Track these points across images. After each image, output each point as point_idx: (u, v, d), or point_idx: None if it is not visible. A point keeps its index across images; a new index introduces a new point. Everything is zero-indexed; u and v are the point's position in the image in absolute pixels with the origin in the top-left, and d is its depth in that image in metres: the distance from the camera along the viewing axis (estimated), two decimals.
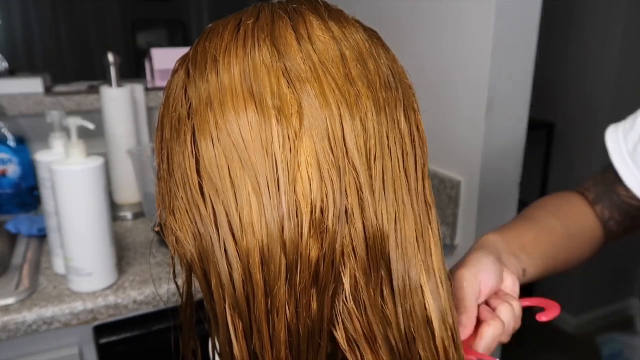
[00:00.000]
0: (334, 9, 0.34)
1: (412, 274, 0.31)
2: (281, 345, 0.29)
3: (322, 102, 0.29)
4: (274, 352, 0.30)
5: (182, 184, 0.31)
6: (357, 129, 0.29)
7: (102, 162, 0.77)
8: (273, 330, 0.29)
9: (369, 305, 0.30)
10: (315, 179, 0.28)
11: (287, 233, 0.28)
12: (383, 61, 0.32)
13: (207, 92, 0.30)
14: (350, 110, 0.29)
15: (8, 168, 1.10)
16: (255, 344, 0.30)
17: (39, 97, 1.25)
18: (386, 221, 0.30)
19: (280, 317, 0.29)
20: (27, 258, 0.89)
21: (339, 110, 0.29)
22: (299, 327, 0.29)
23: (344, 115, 0.29)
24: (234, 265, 0.29)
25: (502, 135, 1.00)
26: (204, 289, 0.31)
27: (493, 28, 0.93)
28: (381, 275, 0.30)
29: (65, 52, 3.28)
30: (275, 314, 0.29)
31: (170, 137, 0.32)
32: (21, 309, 0.75)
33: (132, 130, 1.13)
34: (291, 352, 0.30)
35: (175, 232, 0.32)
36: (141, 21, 3.44)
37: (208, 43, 0.32)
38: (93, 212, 0.76)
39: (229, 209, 0.29)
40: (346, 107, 0.29)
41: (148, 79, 1.39)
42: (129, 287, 0.81)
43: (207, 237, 0.30)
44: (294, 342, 0.30)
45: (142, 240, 0.99)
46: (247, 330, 0.30)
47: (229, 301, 0.30)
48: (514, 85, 0.98)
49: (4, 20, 3.14)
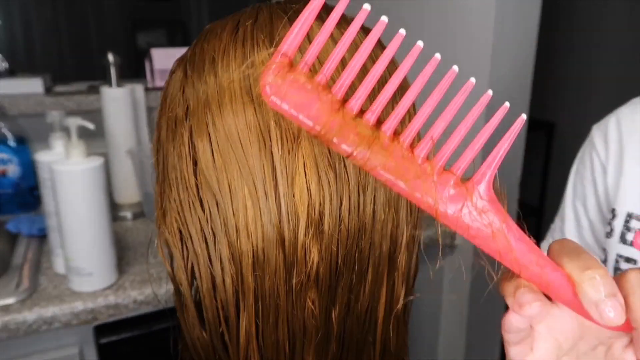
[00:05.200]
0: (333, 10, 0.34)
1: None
2: (267, 349, 0.30)
3: None
4: (254, 355, 0.30)
5: (176, 186, 0.31)
6: None
7: (102, 162, 0.77)
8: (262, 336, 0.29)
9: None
10: (314, 182, 0.28)
11: (287, 235, 0.28)
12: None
13: (205, 94, 0.30)
14: None
15: (8, 168, 1.10)
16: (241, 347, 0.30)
17: (40, 97, 1.25)
18: (379, 225, 0.30)
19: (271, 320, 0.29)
20: (27, 258, 0.89)
21: None
22: (295, 328, 0.29)
23: None
24: (226, 268, 0.29)
25: (502, 135, 0.99)
26: (187, 290, 0.31)
27: (493, 28, 0.93)
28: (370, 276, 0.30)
29: (65, 52, 3.28)
30: (267, 318, 0.29)
31: (167, 138, 0.32)
32: (22, 309, 0.75)
33: (132, 131, 1.13)
34: (286, 353, 0.30)
35: (164, 232, 0.32)
36: (141, 21, 3.44)
37: (206, 44, 0.32)
38: (93, 212, 0.77)
39: (225, 211, 0.29)
40: None
41: (148, 79, 1.40)
42: (129, 287, 0.81)
43: (199, 239, 0.30)
44: (290, 343, 0.30)
45: (142, 240, 0.99)
46: (234, 334, 0.30)
47: (219, 304, 0.30)
48: (514, 85, 0.98)
49: (4, 21, 3.14)
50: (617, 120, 0.63)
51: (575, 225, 0.68)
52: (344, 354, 0.32)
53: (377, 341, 0.33)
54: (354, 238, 0.30)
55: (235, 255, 0.29)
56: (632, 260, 0.58)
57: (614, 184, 0.61)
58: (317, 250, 0.29)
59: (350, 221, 0.29)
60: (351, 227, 0.30)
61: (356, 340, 0.32)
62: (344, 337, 0.31)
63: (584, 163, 0.67)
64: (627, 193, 0.59)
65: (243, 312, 0.29)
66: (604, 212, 0.63)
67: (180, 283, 0.31)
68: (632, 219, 0.58)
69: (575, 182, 0.68)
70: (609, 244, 0.60)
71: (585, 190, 0.66)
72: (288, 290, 0.29)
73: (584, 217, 0.67)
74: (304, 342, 0.30)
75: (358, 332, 0.32)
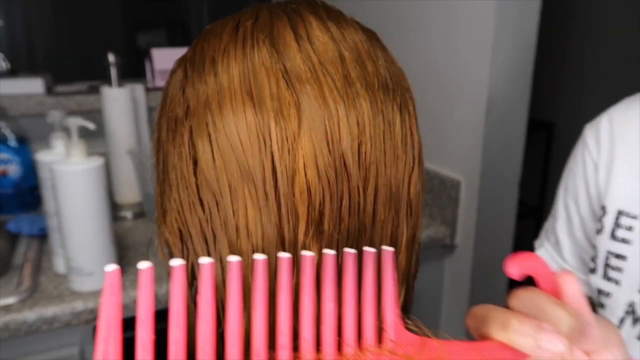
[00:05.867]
0: (332, 10, 0.34)
1: None
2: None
3: (321, 104, 0.28)
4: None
5: (176, 186, 0.31)
6: (354, 132, 0.29)
7: (102, 162, 0.77)
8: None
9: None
10: (314, 182, 0.28)
11: (287, 235, 0.28)
12: (381, 63, 0.32)
13: (205, 94, 0.30)
14: (347, 112, 0.29)
15: (9, 168, 1.10)
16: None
17: (40, 97, 1.25)
18: (379, 225, 0.30)
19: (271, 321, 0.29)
20: (28, 258, 0.89)
21: (337, 112, 0.29)
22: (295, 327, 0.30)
23: (342, 117, 0.29)
24: (227, 268, 0.29)
25: (502, 135, 1.00)
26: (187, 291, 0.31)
27: (493, 28, 0.93)
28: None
29: (66, 53, 3.27)
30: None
31: (167, 138, 0.32)
32: (22, 309, 0.75)
33: (132, 131, 1.13)
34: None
35: (164, 232, 0.32)
36: (141, 21, 3.44)
37: (206, 44, 0.32)
38: (94, 212, 0.77)
39: (225, 211, 0.29)
40: (344, 109, 0.29)
41: (148, 79, 1.40)
42: (129, 287, 0.81)
43: (200, 238, 0.30)
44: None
45: (142, 240, 0.99)
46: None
47: (219, 304, 0.30)
48: (514, 85, 0.99)
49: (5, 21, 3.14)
50: (609, 119, 0.64)
51: (567, 222, 0.69)
52: None
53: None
54: (354, 238, 0.30)
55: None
56: (622, 256, 0.59)
57: (605, 181, 0.62)
58: (317, 250, 0.29)
59: (350, 221, 0.29)
60: (351, 227, 0.30)
61: None
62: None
63: (576, 161, 0.68)
64: (617, 190, 0.60)
65: (243, 313, 0.29)
66: (595, 210, 0.64)
67: None
68: (622, 215, 0.59)
69: (567, 180, 0.69)
70: (600, 241, 0.61)
71: (577, 188, 0.67)
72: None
73: (575, 214, 0.67)
74: None
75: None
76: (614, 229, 0.60)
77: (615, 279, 0.59)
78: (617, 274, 0.59)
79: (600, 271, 0.61)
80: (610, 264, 0.60)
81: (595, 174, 0.64)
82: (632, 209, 0.58)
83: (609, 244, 0.60)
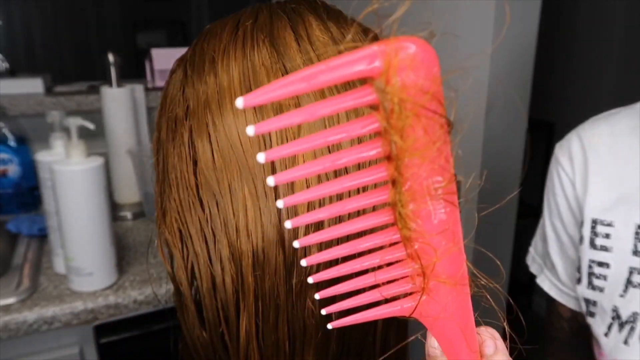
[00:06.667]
0: (332, 10, 0.34)
1: None
2: (267, 349, 0.30)
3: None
4: (254, 355, 0.30)
5: (176, 185, 0.31)
6: None
7: (102, 162, 0.77)
8: (262, 336, 0.29)
9: None
10: (314, 181, 0.28)
11: (287, 235, 0.28)
12: None
13: (205, 94, 0.30)
14: (347, 111, 0.29)
15: (9, 168, 1.10)
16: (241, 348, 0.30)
17: (40, 97, 1.25)
18: None
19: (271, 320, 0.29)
20: (27, 258, 0.89)
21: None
22: (295, 328, 0.30)
23: (342, 117, 0.29)
24: (226, 268, 0.29)
25: (502, 135, 1.00)
26: (187, 290, 0.31)
27: (493, 28, 0.93)
28: None
29: (65, 53, 3.28)
30: (267, 318, 0.29)
31: (167, 138, 0.32)
32: (22, 309, 0.75)
33: (132, 130, 1.13)
34: (286, 353, 0.30)
35: (164, 232, 0.32)
36: (141, 21, 3.44)
37: (206, 44, 0.32)
38: (93, 212, 0.77)
39: (225, 211, 0.29)
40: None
41: (148, 79, 1.40)
42: (129, 287, 0.81)
43: (200, 238, 0.30)
44: (290, 343, 0.30)
45: (142, 240, 0.99)
46: (234, 334, 0.30)
47: (219, 304, 0.30)
48: (514, 85, 0.99)
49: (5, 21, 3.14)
50: (578, 136, 0.68)
51: (557, 243, 0.71)
52: (344, 354, 0.32)
53: (377, 341, 0.33)
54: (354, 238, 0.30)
55: (235, 255, 0.29)
56: (604, 264, 0.60)
57: (583, 195, 0.64)
58: (317, 250, 0.29)
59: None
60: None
61: (356, 340, 0.32)
62: (344, 337, 0.31)
63: (552, 182, 0.70)
64: (591, 201, 0.62)
65: (243, 312, 0.29)
66: (578, 224, 0.65)
67: (180, 283, 0.31)
68: (597, 224, 0.62)
69: (550, 202, 0.71)
70: (582, 251, 0.63)
71: (559, 207, 0.69)
72: (288, 290, 0.29)
73: (563, 233, 0.69)
74: (304, 342, 0.30)
75: (358, 332, 0.32)
76: (592, 238, 0.62)
77: (599, 287, 0.61)
78: (601, 281, 0.60)
79: (584, 280, 0.62)
80: (594, 272, 0.61)
81: (573, 190, 0.66)
82: (606, 216, 0.61)
83: (589, 253, 0.62)
